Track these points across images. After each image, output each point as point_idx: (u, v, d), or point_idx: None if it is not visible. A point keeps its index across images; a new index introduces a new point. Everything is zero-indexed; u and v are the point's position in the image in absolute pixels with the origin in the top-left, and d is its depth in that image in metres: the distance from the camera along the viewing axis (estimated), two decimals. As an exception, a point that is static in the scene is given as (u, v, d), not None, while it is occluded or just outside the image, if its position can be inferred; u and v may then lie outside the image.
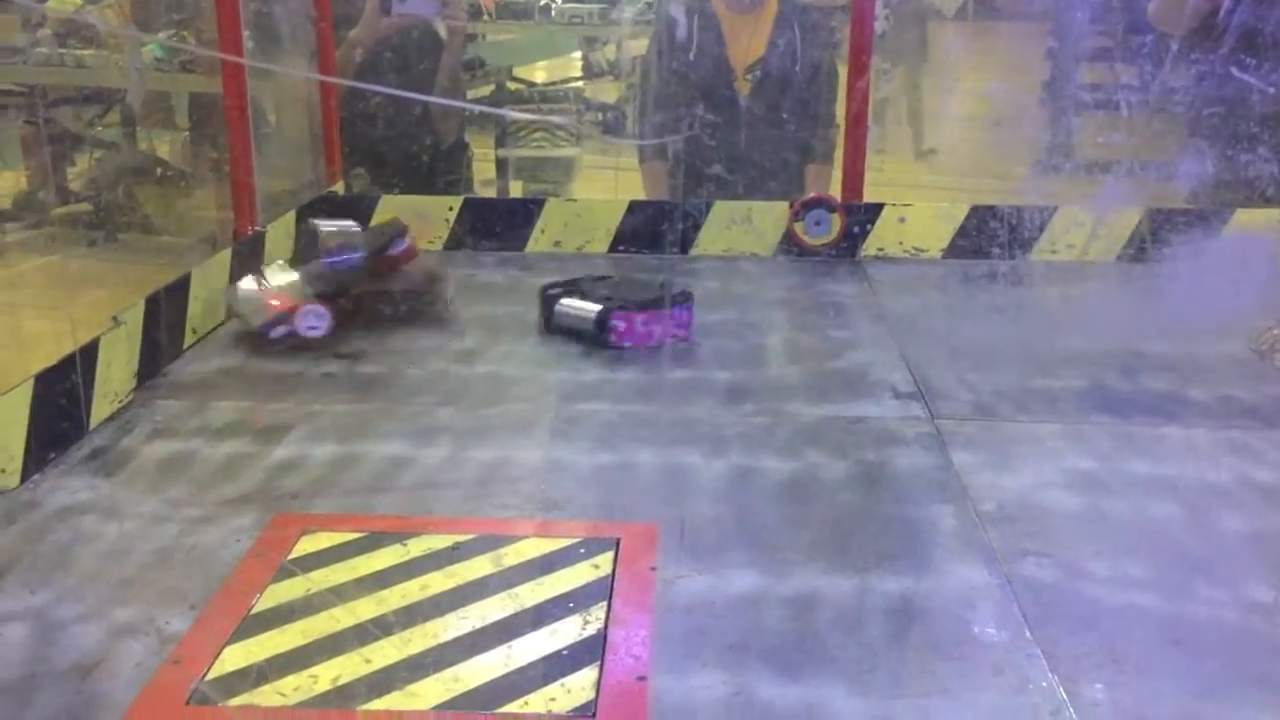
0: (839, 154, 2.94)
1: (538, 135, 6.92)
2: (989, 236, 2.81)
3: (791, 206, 2.85)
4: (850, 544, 1.49)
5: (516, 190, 6.52)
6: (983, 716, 1.16)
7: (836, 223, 2.82)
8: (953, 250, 2.81)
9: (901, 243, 2.82)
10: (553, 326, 2.26)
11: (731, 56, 3.40)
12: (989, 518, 1.56)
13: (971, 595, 1.38)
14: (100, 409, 1.85)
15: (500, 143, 6.76)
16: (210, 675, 1.23)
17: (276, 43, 3.06)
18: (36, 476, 1.65)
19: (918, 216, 2.84)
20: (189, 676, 1.22)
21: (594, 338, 2.19)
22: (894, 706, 1.18)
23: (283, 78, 3.08)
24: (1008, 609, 1.34)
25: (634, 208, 2.90)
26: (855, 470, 1.70)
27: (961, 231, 2.81)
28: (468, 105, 4.13)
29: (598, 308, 2.20)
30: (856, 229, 2.83)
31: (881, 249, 2.83)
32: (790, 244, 2.85)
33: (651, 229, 2.86)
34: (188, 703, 1.19)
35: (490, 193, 5.75)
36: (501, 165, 6.62)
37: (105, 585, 1.39)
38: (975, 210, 2.81)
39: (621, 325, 2.18)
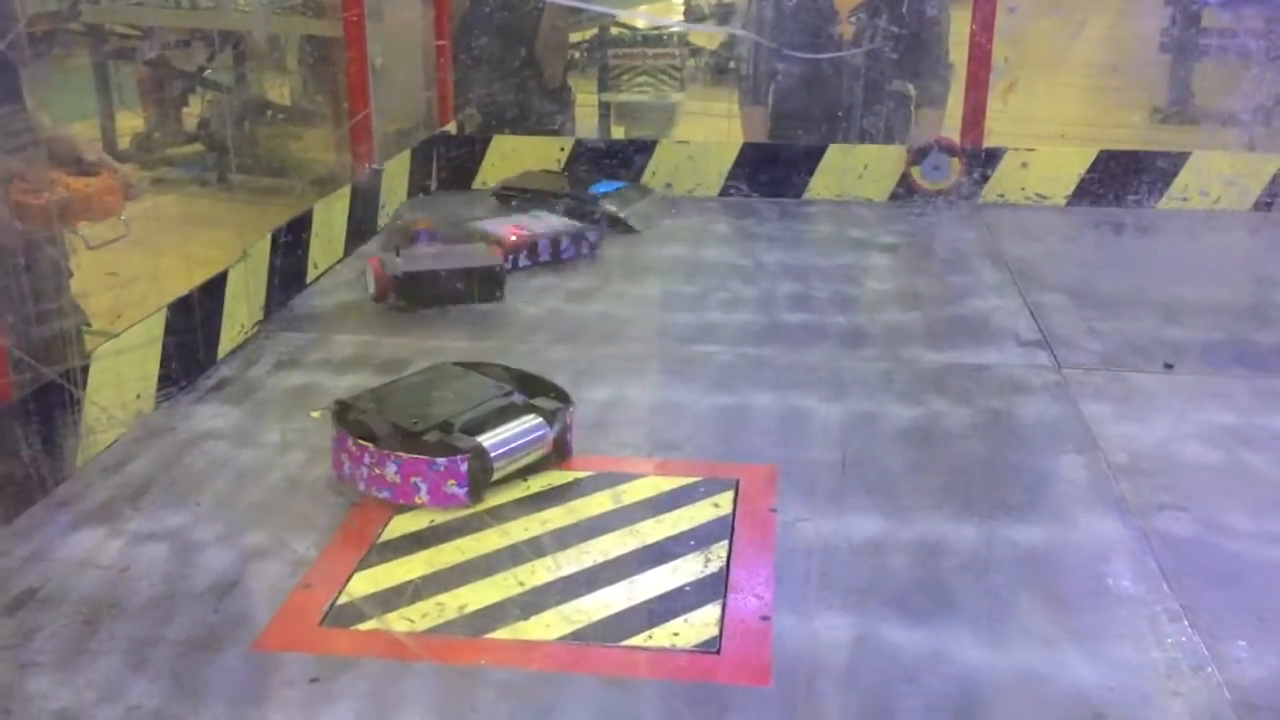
0: (956, 97, 2.86)
1: (641, 80, 6.87)
2: (1117, 182, 2.71)
3: (909, 151, 2.79)
4: (975, 492, 1.46)
5: (618, 134, 6.49)
6: (1119, 669, 1.13)
7: (955, 167, 2.75)
8: (1078, 196, 2.72)
9: (1024, 189, 2.74)
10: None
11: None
12: (1121, 469, 1.51)
13: (1104, 547, 1.34)
14: (227, 340, 1.89)
15: (603, 87, 6.73)
16: (341, 600, 1.25)
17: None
18: (169, 404, 1.70)
19: (1041, 161, 2.75)
20: (321, 600, 1.25)
21: None
22: (1023, 655, 1.15)
23: (395, 19, 3.09)
24: (1144, 562, 1.31)
25: (746, 151, 2.86)
26: (980, 418, 1.67)
27: (1087, 177, 2.72)
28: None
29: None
30: (976, 174, 2.75)
31: (1002, 195, 2.76)
32: (906, 189, 2.79)
33: (763, 172, 2.82)
34: (320, 624, 1.21)
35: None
36: (604, 109, 6.60)
37: (238, 509, 1.43)
38: (1103, 155, 2.72)
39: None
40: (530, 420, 1.48)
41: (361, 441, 1.42)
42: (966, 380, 1.79)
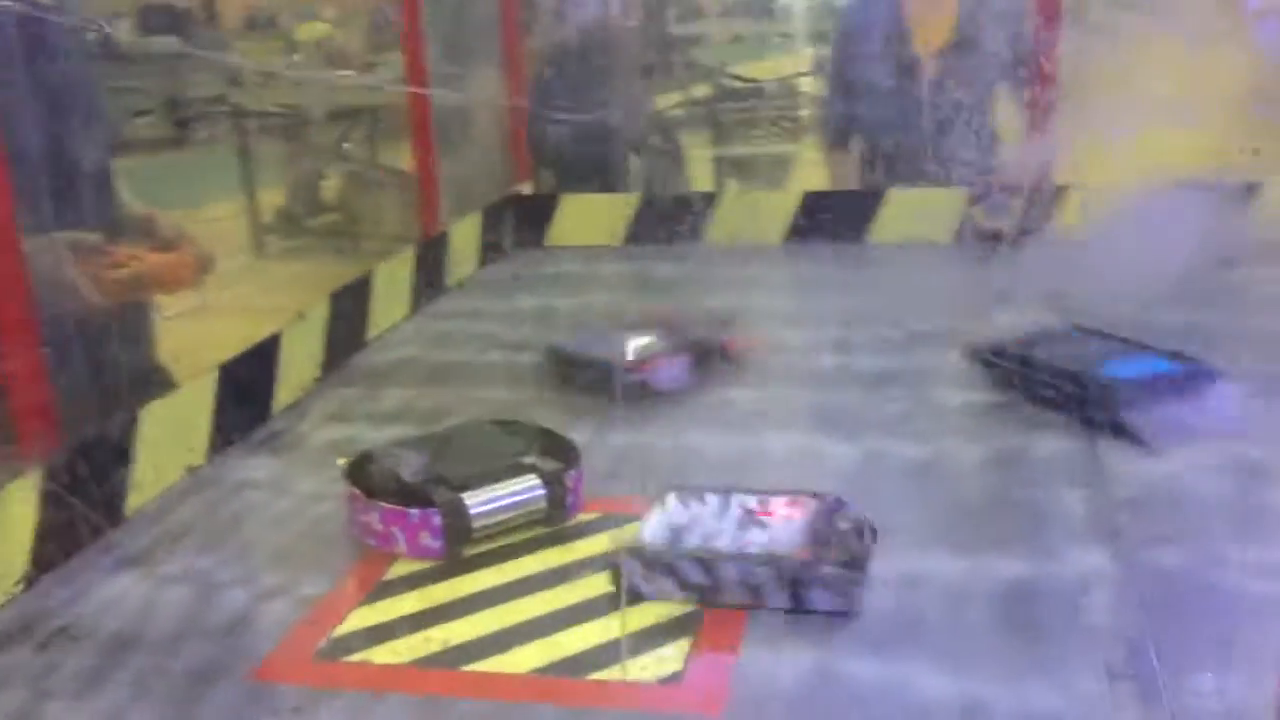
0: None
1: (755, 132, 6.95)
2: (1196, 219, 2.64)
3: (971, 191, 2.78)
4: (969, 526, 1.47)
5: (732, 187, 6.56)
6: (1072, 699, 1.13)
7: (1016, 206, 2.73)
8: (1145, 231, 2.66)
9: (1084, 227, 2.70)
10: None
11: (916, 40, 3.34)
12: (1124, 503, 1.49)
13: (1088, 580, 1.33)
14: (283, 396, 2.01)
15: (716, 141, 6.83)
16: (337, 633, 1.33)
17: (466, 54, 3.22)
18: (218, 457, 1.82)
19: (1104, 199, 2.71)
20: (318, 635, 1.33)
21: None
22: (978, 685, 1.16)
23: (472, 84, 3.25)
24: (1124, 594, 1.29)
25: (809, 199, 2.90)
26: (989, 455, 1.66)
27: (1155, 211, 2.66)
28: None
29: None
30: (1038, 212, 2.72)
31: (1068, 233, 2.72)
32: (971, 229, 2.78)
33: (824, 219, 2.85)
34: (314, 658, 1.30)
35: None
36: (718, 164, 6.69)
37: (261, 553, 1.53)
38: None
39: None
40: (526, 481, 1.53)
41: (355, 490, 1.51)
42: (986, 417, 1.78)
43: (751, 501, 1.44)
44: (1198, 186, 2.39)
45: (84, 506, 1.56)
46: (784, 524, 1.38)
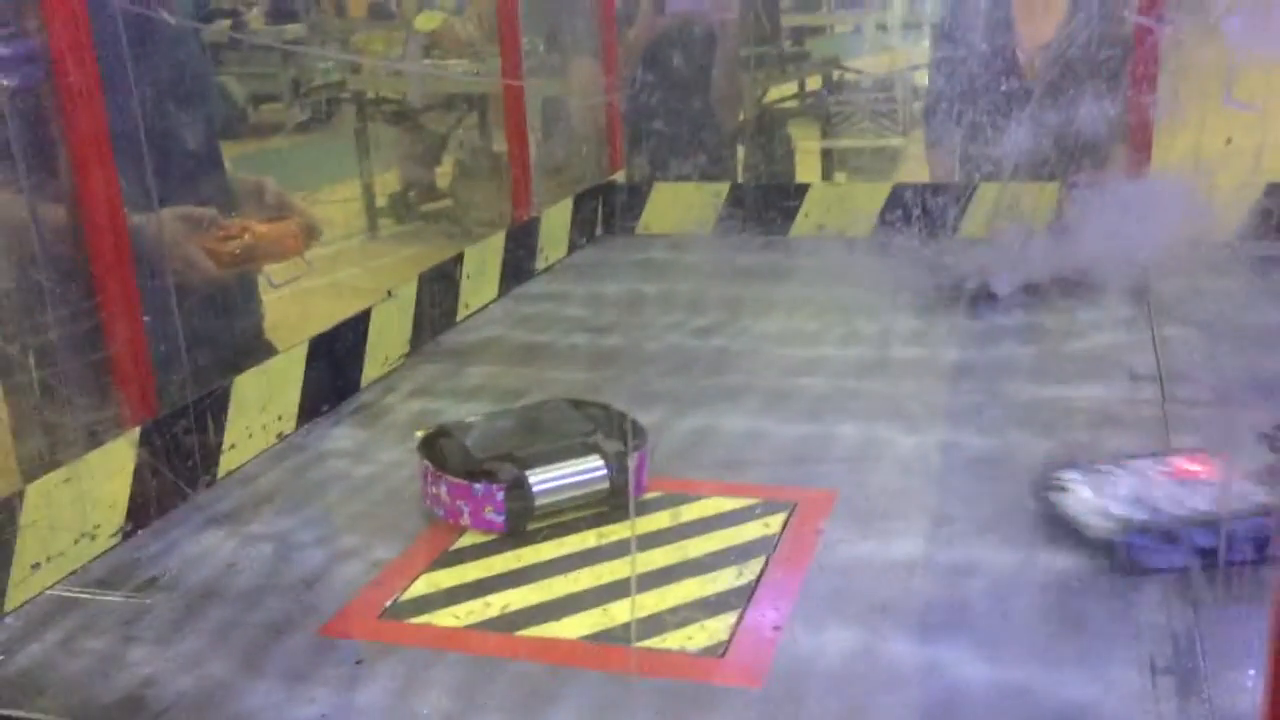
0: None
1: (862, 125, 6.90)
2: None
3: (1062, 186, 2.74)
4: (1027, 520, 1.47)
5: (840, 179, 6.53)
6: (1113, 691, 1.13)
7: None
8: (1245, 231, 2.60)
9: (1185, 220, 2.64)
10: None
11: (1021, 37, 3.30)
12: (1189, 501, 1.47)
13: (1140, 579, 1.32)
14: (371, 370, 2.10)
15: (825, 133, 6.80)
16: (403, 597, 1.40)
17: (563, 44, 3.28)
18: (308, 425, 1.91)
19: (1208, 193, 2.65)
20: (385, 595, 1.40)
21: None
22: (1019, 672, 1.17)
23: (574, 73, 3.31)
24: (1179, 593, 1.28)
25: (897, 191, 2.89)
26: (1058, 450, 1.66)
27: (1256, 211, 2.59)
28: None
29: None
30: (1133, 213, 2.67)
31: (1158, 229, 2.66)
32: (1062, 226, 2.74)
33: (912, 212, 2.84)
34: (379, 617, 1.36)
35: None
36: (826, 155, 6.66)
37: (340, 517, 1.61)
38: (1275, 188, 2.59)
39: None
40: (590, 461, 1.56)
41: (426, 463, 1.57)
42: (1057, 413, 1.77)
43: (1157, 464, 1.46)
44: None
45: (179, 467, 1.66)
46: (1209, 480, 1.41)
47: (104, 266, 1.58)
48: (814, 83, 7.17)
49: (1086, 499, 1.42)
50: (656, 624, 1.31)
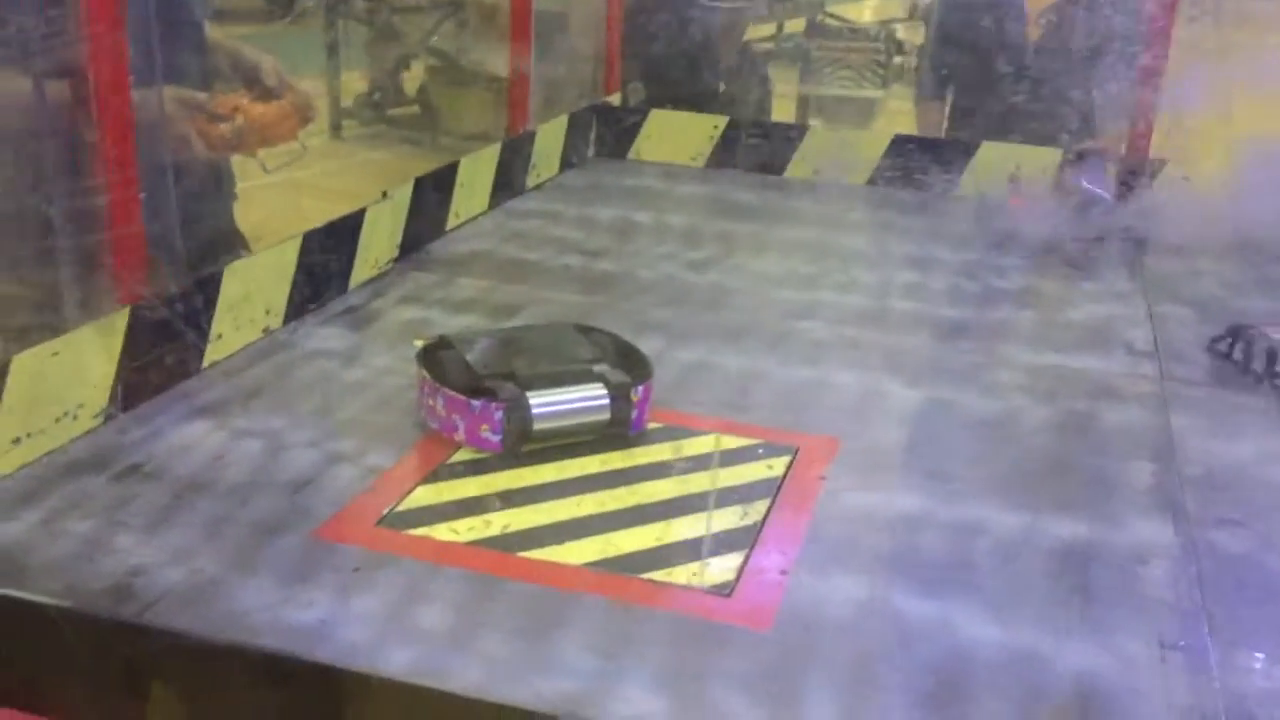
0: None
1: (843, 74, 6.83)
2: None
3: (1065, 154, 2.73)
4: (1031, 484, 1.47)
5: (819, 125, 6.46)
6: (1120, 662, 1.13)
7: (1111, 174, 2.68)
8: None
9: (1181, 201, 2.65)
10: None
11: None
12: (1192, 481, 1.48)
13: (1146, 551, 1.33)
14: (360, 272, 2.04)
15: (804, 79, 6.72)
16: (400, 507, 1.36)
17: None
18: (295, 322, 1.85)
19: (1205, 176, 2.65)
20: (381, 504, 1.36)
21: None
22: (1028, 636, 1.17)
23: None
24: (1184, 569, 1.29)
25: (897, 142, 2.86)
26: (1059, 418, 1.65)
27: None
28: None
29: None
30: (1132, 184, 2.67)
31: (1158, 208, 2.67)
32: (1059, 192, 2.73)
33: (912, 165, 2.82)
34: (376, 524, 1.33)
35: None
36: (802, 102, 6.60)
37: (331, 419, 1.56)
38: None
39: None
40: (592, 389, 1.52)
41: (424, 373, 1.53)
42: (1057, 381, 1.77)
43: None
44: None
45: (165, 352, 1.59)
46: None
47: (107, 141, 1.50)
48: (793, 26, 7.08)
49: None
50: (660, 557, 1.28)
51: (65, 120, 1.49)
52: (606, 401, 1.52)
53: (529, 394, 1.50)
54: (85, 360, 1.46)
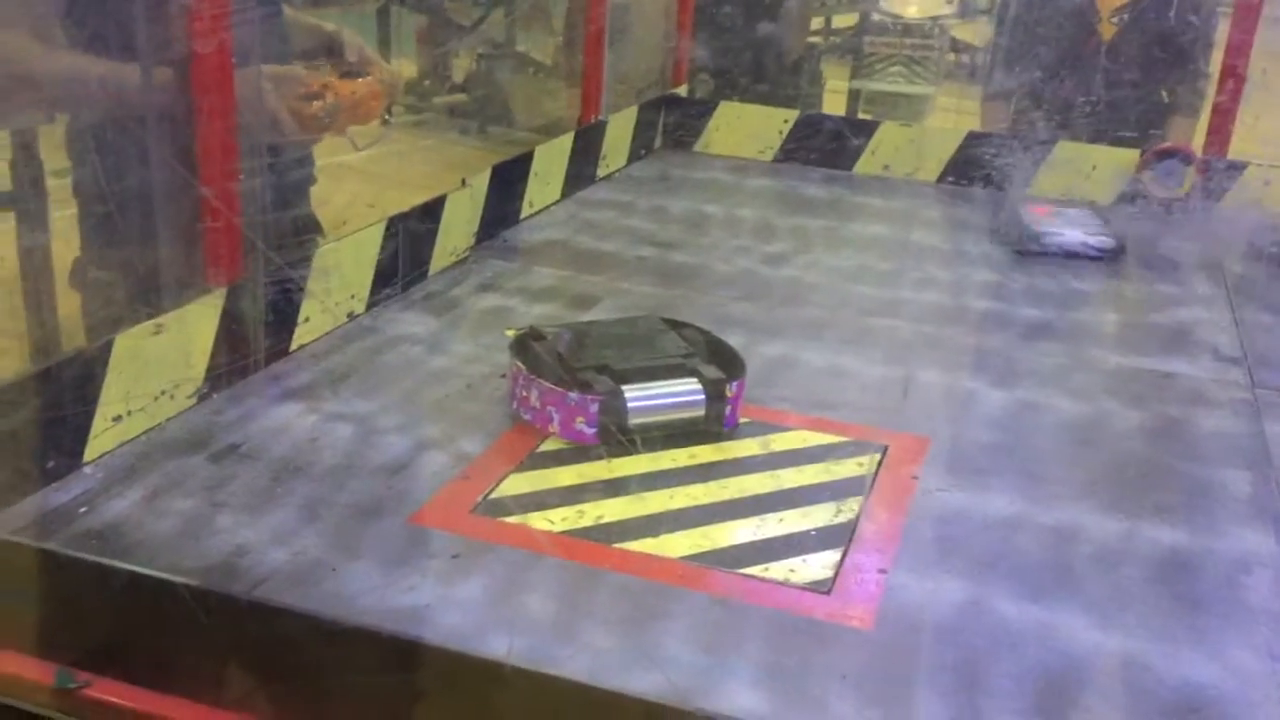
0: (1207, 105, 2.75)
1: (894, 70, 6.79)
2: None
3: (1142, 155, 2.69)
4: (1127, 489, 1.45)
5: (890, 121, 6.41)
6: (1230, 674, 1.12)
7: (1190, 176, 2.64)
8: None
9: (1263, 205, 2.61)
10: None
11: (1099, -1, 3.22)
12: (1288, 490, 1.46)
13: (1249, 560, 1.31)
14: (440, 260, 2.04)
15: (855, 74, 6.69)
16: (493, 494, 1.36)
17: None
18: (378, 308, 1.86)
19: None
20: (475, 491, 1.37)
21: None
22: (1135, 644, 1.15)
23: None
24: (1287, 581, 1.27)
25: (970, 139, 2.83)
26: (1150, 422, 1.63)
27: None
28: None
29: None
30: (1213, 185, 2.63)
31: (1240, 209, 2.63)
32: (1135, 193, 2.70)
33: (985, 163, 2.79)
34: (471, 512, 1.33)
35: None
36: (854, 97, 6.55)
37: (419, 405, 1.57)
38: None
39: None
40: (687, 384, 1.51)
41: (518, 364, 1.53)
42: (1146, 385, 1.75)
43: None
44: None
45: (257, 334, 1.60)
46: None
47: (207, 120, 1.50)
48: (840, 21, 7.03)
49: None
50: (757, 552, 1.28)
51: (169, 103, 1.50)
52: (701, 397, 1.51)
53: (625, 388, 1.49)
54: (183, 340, 1.47)
